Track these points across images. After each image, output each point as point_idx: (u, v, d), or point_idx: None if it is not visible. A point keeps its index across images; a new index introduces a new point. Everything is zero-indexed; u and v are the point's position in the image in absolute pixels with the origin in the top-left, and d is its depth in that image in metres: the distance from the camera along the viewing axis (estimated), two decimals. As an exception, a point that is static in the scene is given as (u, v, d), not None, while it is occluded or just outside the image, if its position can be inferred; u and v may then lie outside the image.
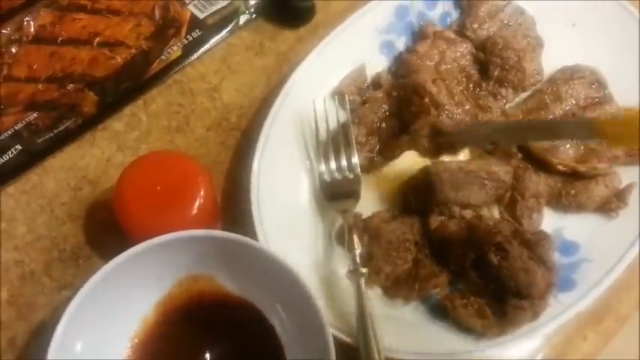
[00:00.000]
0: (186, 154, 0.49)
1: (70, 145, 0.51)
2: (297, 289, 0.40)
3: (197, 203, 0.44)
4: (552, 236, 0.48)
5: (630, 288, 0.50)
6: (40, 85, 0.52)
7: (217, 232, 0.41)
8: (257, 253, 0.41)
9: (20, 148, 0.49)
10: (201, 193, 0.45)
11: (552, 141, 0.50)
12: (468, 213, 0.47)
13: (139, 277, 0.41)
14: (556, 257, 0.48)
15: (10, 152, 0.49)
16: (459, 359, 0.44)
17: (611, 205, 0.50)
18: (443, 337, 0.44)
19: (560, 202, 0.50)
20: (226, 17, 0.56)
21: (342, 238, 0.48)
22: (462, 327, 0.44)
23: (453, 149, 0.51)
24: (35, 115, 0.50)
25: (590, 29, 0.55)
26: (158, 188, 0.44)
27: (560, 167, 0.50)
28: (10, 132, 0.49)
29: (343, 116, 0.52)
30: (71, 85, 0.52)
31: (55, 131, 0.50)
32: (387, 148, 0.51)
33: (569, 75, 0.53)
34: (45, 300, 0.46)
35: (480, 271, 0.45)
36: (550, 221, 0.50)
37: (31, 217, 0.48)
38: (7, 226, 0.48)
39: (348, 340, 0.42)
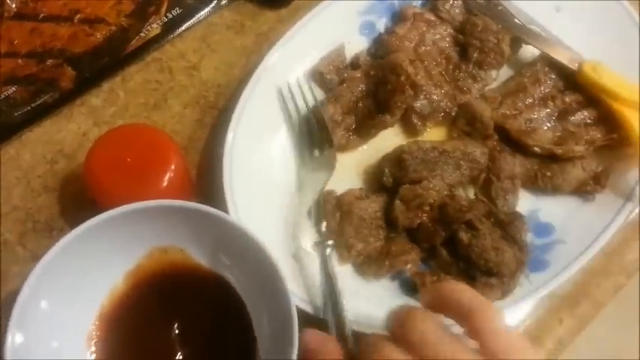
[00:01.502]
0: (159, 129, 0.49)
1: (48, 119, 0.51)
2: (264, 262, 0.40)
3: (167, 176, 0.45)
4: (527, 218, 0.48)
5: (608, 274, 0.50)
6: (19, 60, 0.52)
7: (186, 203, 0.41)
8: (226, 226, 0.41)
9: (-3, 120, 0.49)
10: (172, 167, 0.45)
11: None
12: (441, 191, 0.47)
13: (109, 244, 0.41)
14: (530, 238, 0.48)
15: (-14, 124, 0.49)
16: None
17: (587, 187, 0.50)
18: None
19: (536, 183, 0.50)
20: (207, -4, 0.56)
21: (314, 214, 0.48)
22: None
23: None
24: (14, 88, 0.51)
25: (574, 14, 0.55)
26: (128, 160, 0.44)
27: (537, 149, 0.50)
28: (-13, 105, 0.50)
29: (320, 95, 0.52)
30: (50, 61, 0.52)
31: (33, 105, 0.50)
32: (363, 126, 0.51)
33: (549, 59, 0.53)
34: (18, 269, 0.46)
35: (451, 249, 0.44)
36: (526, 203, 0.50)
37: (7, 189, 0.49)
38: (-20, 196, 0.48)
39: (313, 313, 0.42)
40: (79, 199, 0.48)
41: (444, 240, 0.45)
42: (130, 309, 0.43)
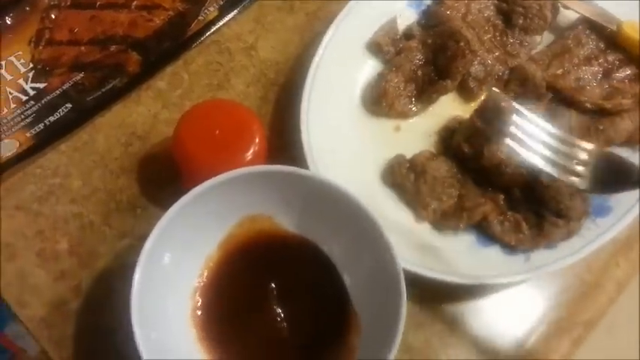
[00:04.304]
0: (241, 103, 0.50)
1: (117, 103, 0.52)
2: (359, 217, 0.42)
3: (252, 149, 0.46)
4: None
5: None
6: (82, 48, 0.53)
7: (281, 167, 0.43)
8: (316, 185, 0.43)
9: (70, 106, 0.50)
10: (256, 140, 0.46)
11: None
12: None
13: (206, 215, 0.43)
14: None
15: (60, 110, 0.50)
16: (504, 281, 0.46)
17: (636, 137, 0.53)
18: (492, 262, 0.47)
19: (589, 137, 0.53)
20: (257, -23, 0.57)
21: (387, 177, 0.50)
22: (505, 248, 0.47)
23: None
24: (81, 75, 0.51)
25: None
26: (216, 133, 0.45)
27: (589, 105, 0.53)
28: (59, 91, 0.50)
29: (377, 66, 0.54)
30: (114, 47, 0.53)
31: (103, 90, 0.51)
32: (424, 93, 0.53)
33: (589, 21, 0.56)
34: (106, 248, 0.47)
35: (526, 191, 0.47)
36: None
37: (86, 172, 0.49)
38: (62, 181, 0.49)
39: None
40: (158, 178, 0.49)
41: (522, 182, 0.47)
42: (226, 273, 0.45)
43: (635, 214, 0.49)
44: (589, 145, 0.44)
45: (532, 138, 0.44)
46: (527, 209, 0.48)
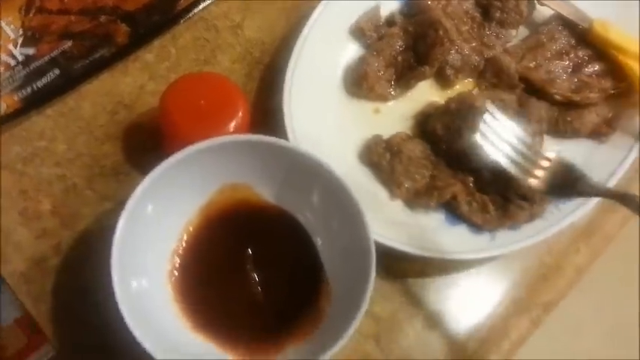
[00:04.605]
0: (227, 77, 0.52)
1: (104, 73, 0.53)
2: (335, 190, 0.44)
3: (235, 121, 0.48)
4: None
5: (616, 210, 0.56)
6: (72, 17, 0.54)
7: (263, 137, 0.44)
8: (296, 157, 0.45)
9: (58, 72, 0.51)
10: (240, 113, 0.48)
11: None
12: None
13: (189, 179, 0.44)
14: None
15: (48, 76, 0.51)
16: (469, 257, 0.49)
17: (602, 130, 0.56)
18: (459, 239, 0.49)
19: (557, 128, 0.56)
20: (247, -40, 0.59)
21: (364, 156, 0.52)
22: (472, 227, 0.50)
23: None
24: (70, 43, 0.52)
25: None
26: (202, 103, 0.47)
27: (558, 97, 0.56)
28: (47, 58, 0.51)
29: (359, 50, 0.56)
30: (103, 17, 0.54)
31: (91, 58, 0.52)
32: (403, 78, 0.55)
33: (562, 18, 0.59)
34: (88, 211, 0.48)
35: (494, 173, 0.50)
36: (548, 145, 0.55)
37: (71, 137, 0.51)
38: (47, 145, 0.50)
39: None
40: (142, 146, 0.51)
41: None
42: (205, 238, 0.46)
43: (594, 201, 0.52)
44: (551, 154, 0.49)
45: (500, 138, 0.49)
46: (495, 191, 0.51)
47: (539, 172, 0.48)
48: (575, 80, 0.57)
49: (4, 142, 0.49)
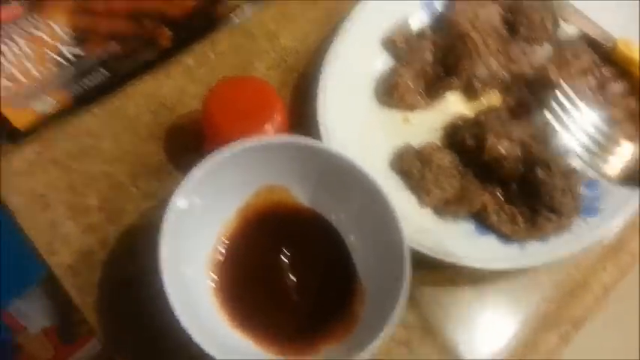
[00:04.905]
0: (266, 81, 0.54)
1: (148, 75, 0.56)
2: (371, 195, 0.46)
3: (274, 124, 0.49)
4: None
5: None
6: (117, 20, 0.56)
7: (295, 138, 0.47)
8: (331, 159, 0.47)
9: (105, 73, 0.53)
10: (278, 116, 0.50)
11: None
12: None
13: (225, 180, 0.46)
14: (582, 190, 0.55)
15: (96, 75, 0.53)
16: (499, 266, 0.51)
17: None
18: (488, 249, 0.51)
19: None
20: (285, -29, 0.61)
21: (395, 164, 0.55)
22: (501, 237, 0.51)
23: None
24: (115, 45, 0.55)
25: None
26: (242, 105, 0.49)
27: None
28: (95, 58, 0.53)
29: (391, 62, 0.59)
30: (147, 21, 0.56)
31: (136, 60, 0.55)
32: (432, 88, 0.58)
33: (586, 37, 0.61)
34: (132, 207, 0.50)
35: (522, 185, 0.52)
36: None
37: (116, 136, 0.53)
38: (94, 142, 0.52)
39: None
40: (183, 147, 0.53)
41: (519, 176, 0.52)
42: (242, 239, 0.48)
43: (623, 217, 0.53)
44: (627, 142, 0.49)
45: (572, 120, 0.49)
46: (523, 203, 0.53)
47: (613, 160, 0.49)
48: (599, 98, 0.59)
49: (54, 137, 0.52)
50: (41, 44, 0.53)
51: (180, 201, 0.44)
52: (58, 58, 0.53)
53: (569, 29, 0.62)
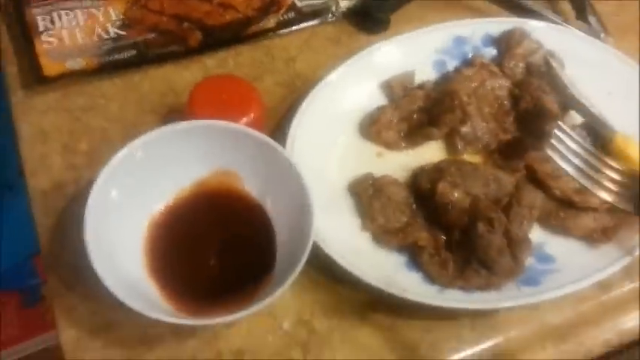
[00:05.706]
0: (250, 82, 0.60)
1: (170, 64, 0.65)
2: (300, 192, 0.50)
3: (246, 120, 0.55)
4: (534, 245, 0.54)
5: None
6: (164, 18, 0.67)
7: (254, 131, 0.52)
8: (280, 160, 0.52)
9: (135, 52, 0.64)
10: (252, 115, 0.55)
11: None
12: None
13: (184, 153, 0.52)
14: (531, 262, 0.54)
15: (126, 53, 0.63)
16: (410, 298, 0.50)
17: (594, 236, 0.56)
18: (409, 283, 0.52)
19: (549, 221, 0.57)
20: (318, 11, 0.69)
21: (351, 186, 0.57)
22: (426, 278, 0.52)
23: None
24: (153, 35, 0.65)
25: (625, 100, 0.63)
26: (221, 99, 0.56)
27: (557, 192, 0.57)
28: (132, 40, 0.64)
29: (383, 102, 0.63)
30: (186, 24, 0.66)
31: (164, 50, 0.64)
32: (412, 133, 0.60)
33: (588, 126, 0.61)
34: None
35: (463, 236, 0.52)
36: (536, 234, 0.56)
37: (125, 104, 0.62)
38: (105, 103, 0.62)
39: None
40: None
41: (463, 226, 0.53)
42: (186, 206, 0.53)
43: (560, 293, 0.51)
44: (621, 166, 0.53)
45: (570, 151, 0.53)
46: (460, 253, 0.53)
47: (612, 186, 0.53)
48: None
49: (75, 92, 0.62)
50: (94, 21, 0.65)
51: (138, 152, 0.51)
52: (103, 34, 0.64)
53: (575, 117, 0.63)
